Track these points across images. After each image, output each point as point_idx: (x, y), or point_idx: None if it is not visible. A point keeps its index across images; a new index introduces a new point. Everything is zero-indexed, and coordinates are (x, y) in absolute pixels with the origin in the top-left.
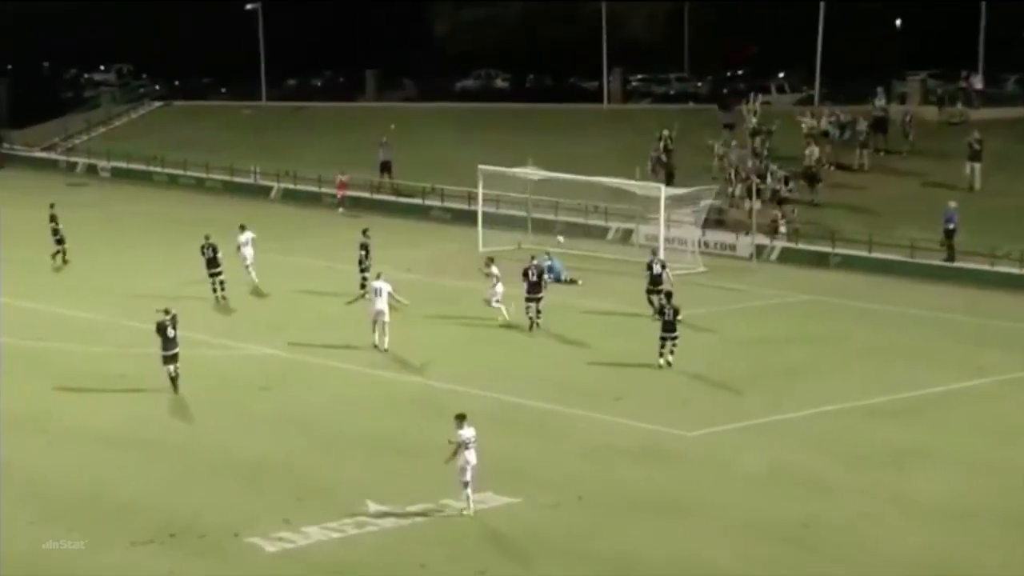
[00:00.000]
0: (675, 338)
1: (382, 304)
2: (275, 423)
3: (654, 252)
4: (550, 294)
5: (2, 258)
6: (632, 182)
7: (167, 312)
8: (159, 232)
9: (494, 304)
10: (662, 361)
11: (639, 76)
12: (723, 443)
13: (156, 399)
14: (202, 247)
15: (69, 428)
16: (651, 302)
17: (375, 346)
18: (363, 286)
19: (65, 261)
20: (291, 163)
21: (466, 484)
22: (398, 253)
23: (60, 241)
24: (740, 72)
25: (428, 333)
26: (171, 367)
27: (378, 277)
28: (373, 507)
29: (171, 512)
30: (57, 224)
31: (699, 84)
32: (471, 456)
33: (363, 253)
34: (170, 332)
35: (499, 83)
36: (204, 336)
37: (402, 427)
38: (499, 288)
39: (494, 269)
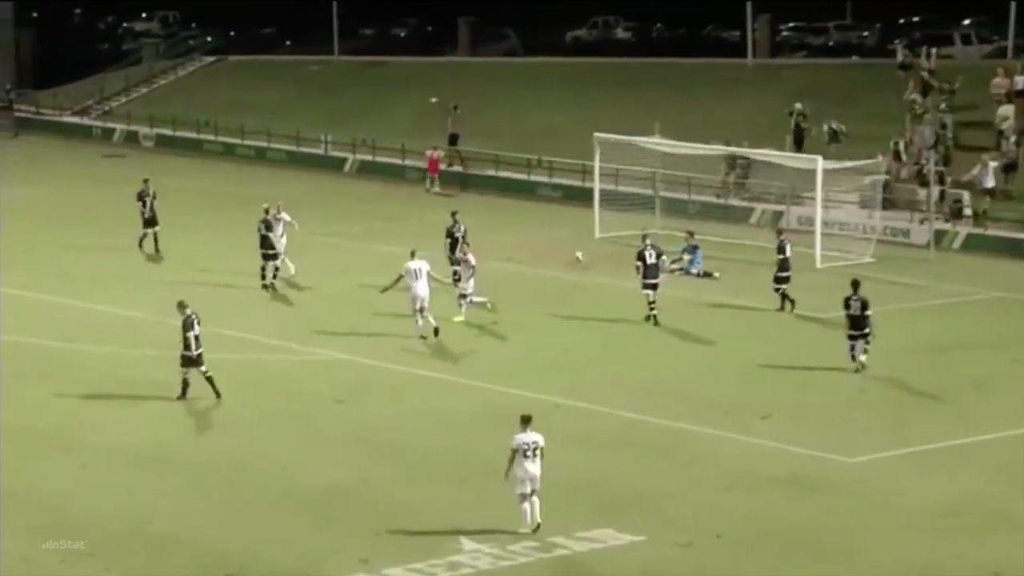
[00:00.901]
0: (865, 336)
1: (423, 288)
2: (348, 443)
3: (779, 232)
4: (679, 288)
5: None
6: (781, 154)
7: (182, 305)
8: (211, 212)
9: (474, 301)
10: (855, 364)
11: (791, 24)
12: (893, 471)
13: (204, 412)
14: (260, 222)
15: (103, 446)
16: (784, 294)
17: (422, 337)
18: (456, 279)
19: (157, 250)
20: (369, 130)
21: (524, 497)
22: (498, 238)
23: (150, 222)
24: (916, 19)
25: (532, 335)
26: (202, 368)
27: (412, 256)
28: (467, 544)
29: (224, 549)
30: (146, 202)
31: (864, 34)
32: (532, 467)
33: (449, 241)
34: (197, 328)
35: (620, 33)
36: (260, 337)
37: (500, 448)
38: (472, 282)
39: (471, 257)
